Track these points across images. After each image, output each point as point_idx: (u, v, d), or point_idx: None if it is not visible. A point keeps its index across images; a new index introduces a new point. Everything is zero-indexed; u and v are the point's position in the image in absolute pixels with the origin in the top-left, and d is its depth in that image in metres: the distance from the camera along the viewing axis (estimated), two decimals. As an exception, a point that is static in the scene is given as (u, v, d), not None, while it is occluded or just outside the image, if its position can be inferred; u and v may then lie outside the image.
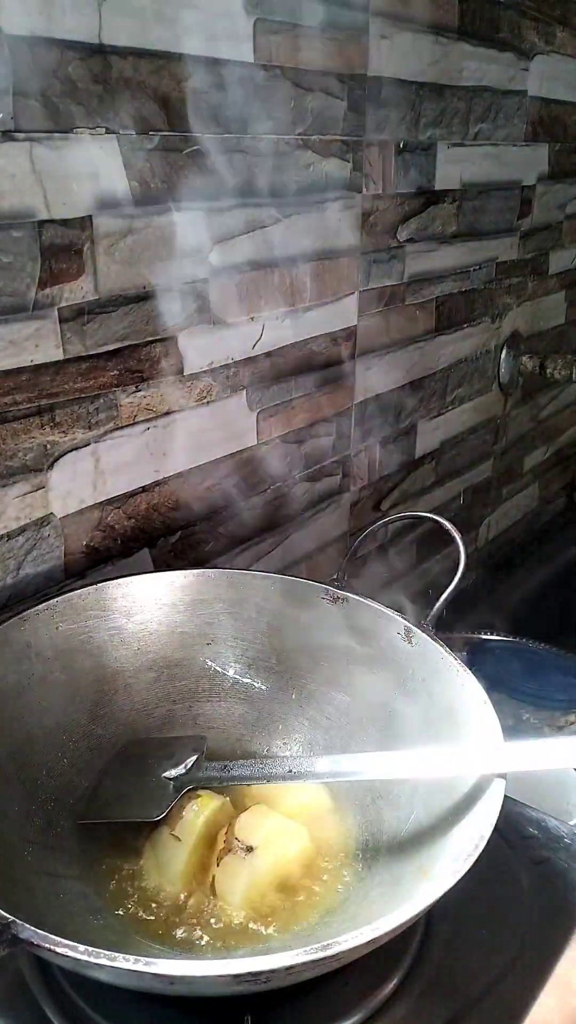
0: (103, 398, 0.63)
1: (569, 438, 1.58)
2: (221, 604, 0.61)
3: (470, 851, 0.39)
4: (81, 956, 0.33)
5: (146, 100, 0.59)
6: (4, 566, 0.60)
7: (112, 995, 0.43)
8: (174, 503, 0.72)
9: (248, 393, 0.76)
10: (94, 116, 0.56)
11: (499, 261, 1.13)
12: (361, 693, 0.57)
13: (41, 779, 0.51)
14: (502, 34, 0.98)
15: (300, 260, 0.78)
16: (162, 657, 0.60)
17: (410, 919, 0.36)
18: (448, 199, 0.97)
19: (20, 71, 0.51)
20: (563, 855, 0.54)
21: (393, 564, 1.07)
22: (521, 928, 0.49)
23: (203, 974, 0.34)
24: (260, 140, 0.69)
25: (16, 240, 0.54)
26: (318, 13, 0.71)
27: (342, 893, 0.48)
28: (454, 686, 0.51)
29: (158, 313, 0.65)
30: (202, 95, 0.63)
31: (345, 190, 0.81)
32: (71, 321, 0.59)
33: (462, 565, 0.57)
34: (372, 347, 0.92)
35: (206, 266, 0.68)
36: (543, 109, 1.12)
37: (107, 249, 0.60)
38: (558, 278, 1.32)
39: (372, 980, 0.45)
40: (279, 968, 0.34)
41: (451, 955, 0.47)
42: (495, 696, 0.50)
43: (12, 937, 0.34)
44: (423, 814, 0.48)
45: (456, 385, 1.12)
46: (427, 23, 0.85)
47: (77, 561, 0.65)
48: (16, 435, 0.58)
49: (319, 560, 0.93)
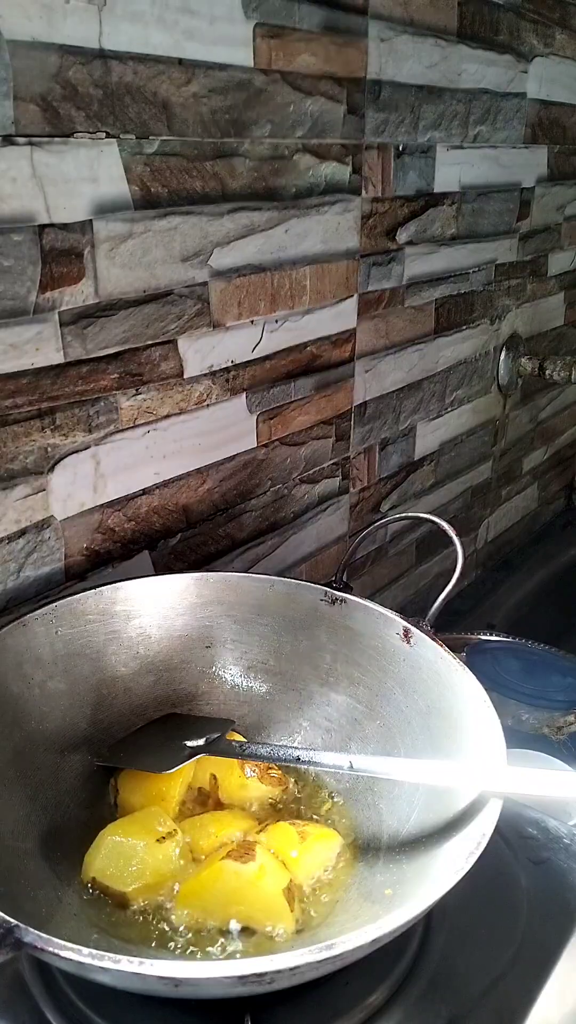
0: (103, 401, 0.63)
1: (568, 439, 1.58)
2: (221, 607, 0.62)
3: (470, 851, 0.39)
4: (84, 959, 0.34)
5: (146, 105, 0.59)
6: (4, 569, 0.60)
7: (112, 996, 0.43)
8: (174, 506, 0.72)
9: (248, 396, 0.77)
10: (94, 121, 0.56)
11: (498, 263, 1.13)
12: (360, 694, 0.58)
13: (42, 783, 0.51)
14: (501, 37, 0.98)
15: (299, 263, 0.78)
16: (162, 660, 0.60)
17: (412, 919, 0.36)
18: (447, 201, 0.98)
19: (21, 76, 0.52)
20: (563, 855, 0.54)
21: (392, 565, 1.08)
22: (521, 928, 0.49)
23: (207, 976, 0.34)
24: (260, 143, 0.69)
25: (17, 244, 0.54)
26: (317, 16, 0.71)
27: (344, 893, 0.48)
28: (454, 686, 0.52)
29: (158, 316, 0.65)
30: (202, 99, 0.63)
31: (344, 193, 0.81)
32: (72, 325, 0.59)
33: (460, 566, 0.57)
34: (371, 349, 0.92)
35: (206, 269, 0.68)
36: (542, 111, 1.12)
37: (107, 253, 0.60)
38: (557, 280, 1.32)
39: (372, 980, 0.45)
40: (283, 969, 0.34)
41: (451, 955, 0.47)
42: (495, 696, 0.50)
43: (15, 941, 0.35)
44: (423, 814, 0.48)
45: (455, 387, 1.12)
46: (426, 26, 0.85)
47: (77, 564, 0.65)
48: (17, 438, 0.58)
49: (319, 562, 0.93)
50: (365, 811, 0.53)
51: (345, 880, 0.49)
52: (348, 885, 0.49)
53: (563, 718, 0.86)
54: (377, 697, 0.57)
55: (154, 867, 0.47)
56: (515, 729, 0.86)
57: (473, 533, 1.30)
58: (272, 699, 0.61)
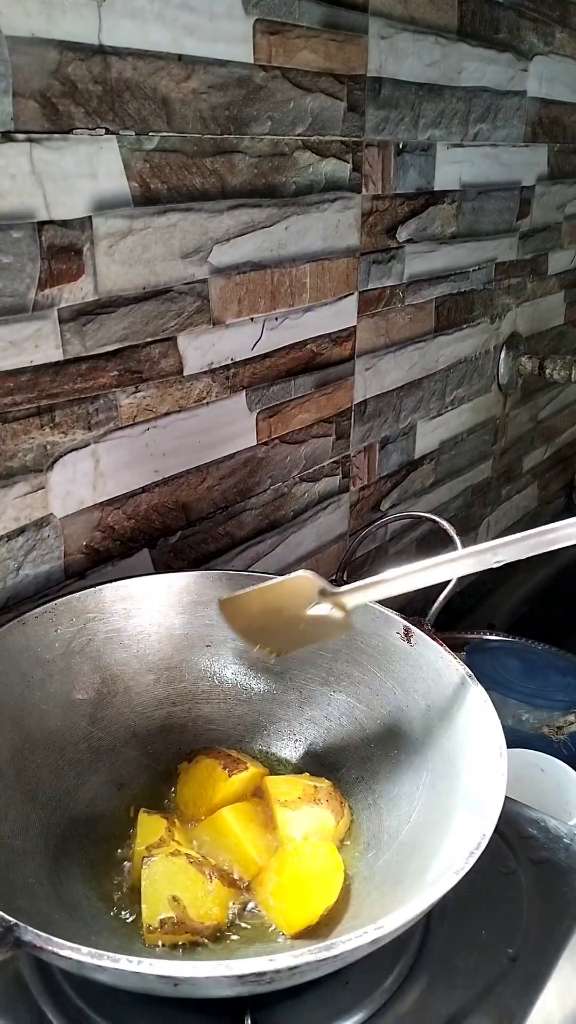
0: (103, 399, 0.63)
1: (568, 438, 1.58)
2: (221, 605, 0.61)
3: (470, 851, 0.39)
4: (84, 958, 0.33)
5: (146, 101, 0.59)
6: (4, 567, 0.60)
7: (112, 995, 0.43)
8: (174, 503, 0.72)
9: (248, 394, 0.76)
10: (94, 117, 0.56)
11: (498, 262, 1.13)
12: (361, 693, 0.57)
13: (41, 782, 0.51)
14: (501, 35, 0.98)
15: (300, 260, 0.78)
16: (161, 659, 0.60)
17: (412, 919, 0.36)
18: (447, 200, 0.97)
19: (20, 72, 0.51)
20: (563, 855, 0.54)
21: (393, 564, 1.07)
22: (521, 928, 0.49)
23: (207, 975, 0.34)
24: (259, 140, 0.69)
25: (16, 241, 0.54)
26: (317, 13, 0.71)
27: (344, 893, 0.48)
28: (454, 686, 0.51)
29: (158, 314, 0.65)
30: (201, 96, 0.63)
31: (344, 190, 0.81)
32: (71, 322, 0.59)
33: (461, 565, 0.56)
34: (372, 348, 0.92)
35: (206, 266, 0.68)
36: (542, 110, 1.12)
37: (107, 250, 0.60)
38: (557, 279, 1.32)
39: (372, 980, 0.45)
40: (283, 968, 0.34)
41: (451, 955, 0.47)
42: (495, 696, 0.50)
43: (15, 940, 0.34)
44: (423, 814, 0.48)
45: (455, 385, 1.12)
46: (426, 23, 0.85)
47: (77, 562, 0.65)
48: (16, 436, 0.58)
49: (319, 560, 0.93)
50: (365, 811, 0.53)
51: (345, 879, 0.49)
52: (348, 884, 0.48)
53: (563, 718, 0.86)
54: (377, 697, 0.57)
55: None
56: (515, 729, 0.85)
57: (473, 532, 1.30)
58: (272, 698, 0.61)
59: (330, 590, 0.51)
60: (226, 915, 0.46)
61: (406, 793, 0.51)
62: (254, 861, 0.49)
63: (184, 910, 0.44)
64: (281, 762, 0.59)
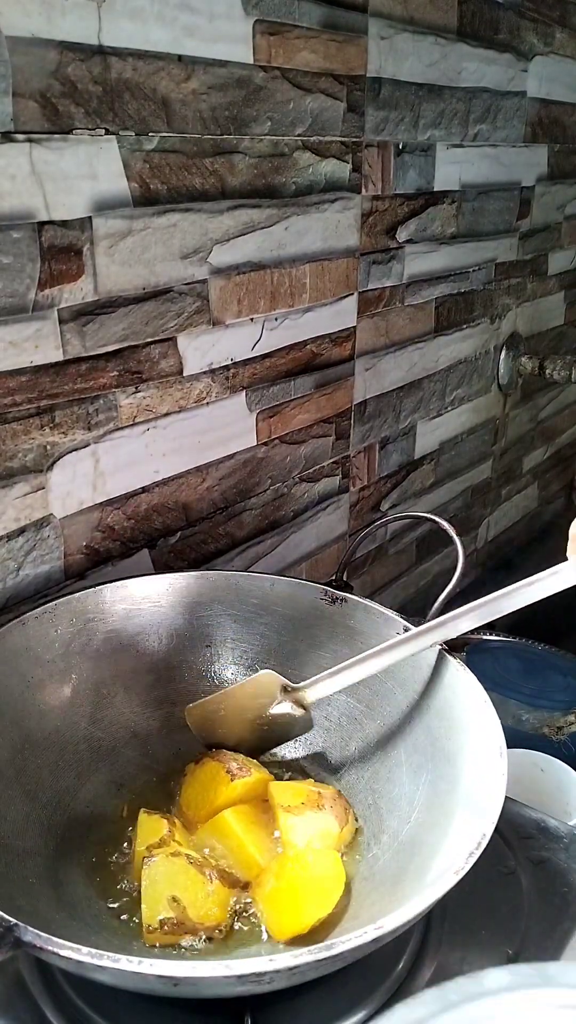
0: (103, 399, 0.63)
1: (568, 439, 1.58)
2: (220, 606, 0.61)
3: (470, 851, 0.39)
4: (84, 958, 0.33)
5: (145, 101, 0.59)
6: (4, 567, 0.60)
7: (112, 995, 0.43)
8: (174, 504, 0.72)
9: (247, 394, 0.76)
10: (93, 117, 0.56)
11: (498, 262, 1.13)
12: (361, 694, 0.57)
13: (41, 782, 0.51)
14: (501, 35, 0.98)
15: (299, 261, 0.78)
16: (161, 659, 0.60)
17: (412, 919, 0.36)
18: (447, 200, 0.97)
19: (20, 72, 0.51)
20: (563, 855, 0.54)
21: (393, 564, 1.07)
22: (521, 928, 0.49)
23: (207, 975, 0.34)
24: (259, 141, 0.69)
25: (16, 241, 0.54)
26: (317, 14, 0.71)
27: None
28: (454, 686, 0.51)
29: (158, 314, 0.65)
30: (201, 96, 0.63)
31: (344, 191, 0.81)
32: (71, 322, 0.59)
33: (460, 565, 0.57)
34: (371, 348, 0.92)
35: (205, 267, 0.68)
36: (542, 110, 1.12)
37: (107, 250, 0.60)
38: (557, 279, 1.32)
39: (372, 980, 0.45)
40: (282, 968, 0.34)
41: (451, 955, 0.47)
42: (495, 696, 0.50)
43: (15, 940, 0.34)
44: (423, 814, 0.48)
45: (455, 386, 1.12)
46: (426, 24, 0.85)
47: (77, 562, 0.65)
48: (16, 436, 0.58)
49: (319, 561, 0.93)
50: (365, 811, 0.53)
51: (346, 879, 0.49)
52: (349, 884, 0.48)
53: (563, 718, 0.86)
54: (377, 697, 0.57)
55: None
56: (515, 729, 0.85)
57: (473, 532, 1.30)
58: (272, 698, 0.61)
59: (291, 686, 0.55)
60: (226, 916, 0.46)
61: (406, 793, 0.51)
62: (256, 862, 0.49)
63: (184, 911, 0.44)
64: (281, 762, 0.59)
